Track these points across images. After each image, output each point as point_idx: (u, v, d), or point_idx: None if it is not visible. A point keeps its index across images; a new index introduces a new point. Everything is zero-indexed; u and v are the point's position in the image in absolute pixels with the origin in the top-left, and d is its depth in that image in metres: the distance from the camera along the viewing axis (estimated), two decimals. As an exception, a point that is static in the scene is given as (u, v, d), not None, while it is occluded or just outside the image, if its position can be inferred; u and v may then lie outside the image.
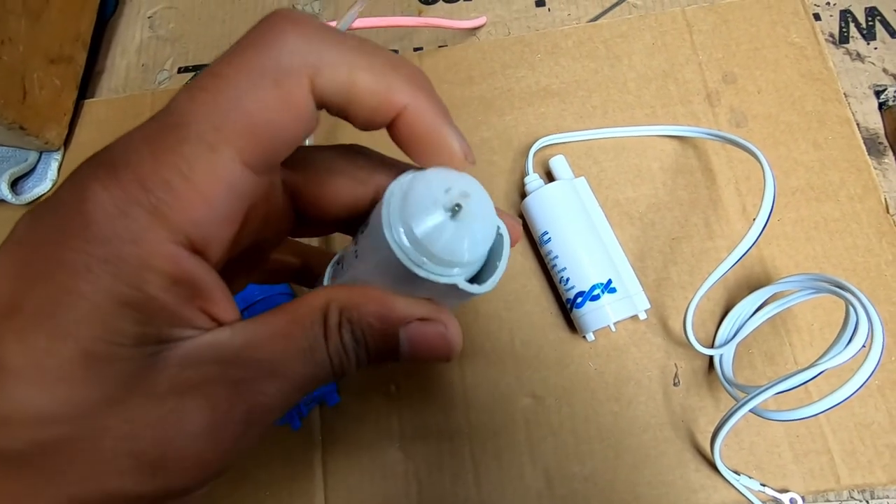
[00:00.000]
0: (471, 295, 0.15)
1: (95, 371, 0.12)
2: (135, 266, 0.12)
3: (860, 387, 0.21)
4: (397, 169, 0.17)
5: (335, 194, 0.16)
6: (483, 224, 0.15)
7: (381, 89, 0.14)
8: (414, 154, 0.15)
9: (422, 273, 0.14)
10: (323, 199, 0.17)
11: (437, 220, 0.14)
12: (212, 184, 0.12)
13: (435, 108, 0.15)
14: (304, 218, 0.17)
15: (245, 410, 0.13)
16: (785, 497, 0.27)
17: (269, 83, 0.13)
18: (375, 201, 0.16)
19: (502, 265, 0.16)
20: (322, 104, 0.14)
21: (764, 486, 0.27)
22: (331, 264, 0.19)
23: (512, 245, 0.16)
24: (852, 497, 0.28)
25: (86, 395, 0.12)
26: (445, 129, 0.15)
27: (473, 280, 0.15)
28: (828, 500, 0.28)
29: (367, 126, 0.15)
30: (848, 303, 0.22)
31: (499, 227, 0.16)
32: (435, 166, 0.15)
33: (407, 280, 0.14)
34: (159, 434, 0.12)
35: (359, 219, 0.17)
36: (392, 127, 0.15)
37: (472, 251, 0.15)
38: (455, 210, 0.14)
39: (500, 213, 0.16)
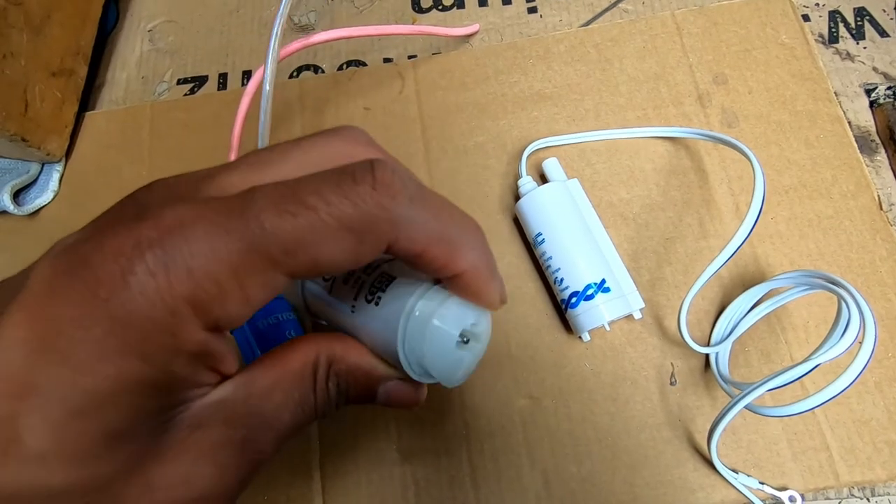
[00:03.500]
0: (444, 386, 0.17)
1: (115, 447, 0.12)
2: (167, 353, 0.12)
3: (854, 380, 0.21)
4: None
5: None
6: (481, 351, 0.17)
7: (448, 259, 0.15)
8: (457, 293, 0.16)
9: (415, 378, 0.17)
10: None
11: (447, 354, 0.16)
12: (260, 293, 0.13)
13: (489, 268, 0.16)
14: None
15: (247, 469, 0.15)
16: (784, 495, 0.26)
17: (352, 238, 0.13)
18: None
19: (475, 363, 0.18)
20: (386, 253, 0.14)
21: (763, 484, 0.27)
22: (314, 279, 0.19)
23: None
24: (853, 495, 0.27)
25: (104, 469, 0.12)
26: (493, 284, 0.16)
27: None
28: (828, 498, 0.27)
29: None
30: (840, 298, 0.22)
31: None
32: (457, 298, 0.16)
33: (396, 360, 0.16)
34: (173, 498, 0.13)
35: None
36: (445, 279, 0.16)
37: (466, 374, 0.17)
38: (464, 342, 0.17)
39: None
